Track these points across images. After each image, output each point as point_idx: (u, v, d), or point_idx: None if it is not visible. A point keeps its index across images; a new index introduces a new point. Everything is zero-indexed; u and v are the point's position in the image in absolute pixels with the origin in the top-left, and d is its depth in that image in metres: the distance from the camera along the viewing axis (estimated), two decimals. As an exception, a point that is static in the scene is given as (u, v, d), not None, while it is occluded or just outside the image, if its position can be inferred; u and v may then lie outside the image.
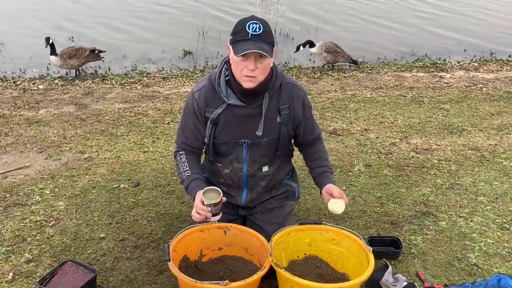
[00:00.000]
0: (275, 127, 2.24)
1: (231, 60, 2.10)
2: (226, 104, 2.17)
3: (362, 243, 2.17)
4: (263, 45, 2.00)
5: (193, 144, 2.31)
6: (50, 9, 8.72)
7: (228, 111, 2.19)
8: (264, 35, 2.02)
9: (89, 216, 2.88)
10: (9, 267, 2.43)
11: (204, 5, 9.41)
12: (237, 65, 2.05)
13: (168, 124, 4.29)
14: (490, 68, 6.57)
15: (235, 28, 2.06)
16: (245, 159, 2.28)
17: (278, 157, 2.37)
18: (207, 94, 2.20)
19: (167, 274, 2.40)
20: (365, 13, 9.47)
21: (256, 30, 2.00)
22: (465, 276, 2.48)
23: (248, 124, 2.20)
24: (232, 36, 2.06)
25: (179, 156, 2.30)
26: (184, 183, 2.24)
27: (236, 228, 2.27)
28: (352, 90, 5.39)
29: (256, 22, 2.02)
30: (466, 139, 4.13)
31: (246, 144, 2.24)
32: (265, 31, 2.03)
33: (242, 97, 2.17)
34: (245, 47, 1.98)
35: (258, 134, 2.20)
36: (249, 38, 1.99)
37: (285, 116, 2.24)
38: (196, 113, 2.23)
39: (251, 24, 2.01)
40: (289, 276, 1.93)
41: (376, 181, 3.40)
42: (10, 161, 3.53)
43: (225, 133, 2.23)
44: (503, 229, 2.89)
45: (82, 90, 5.20)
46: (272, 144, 2.28)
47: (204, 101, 2.20)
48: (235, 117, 2.20)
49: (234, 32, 2.06)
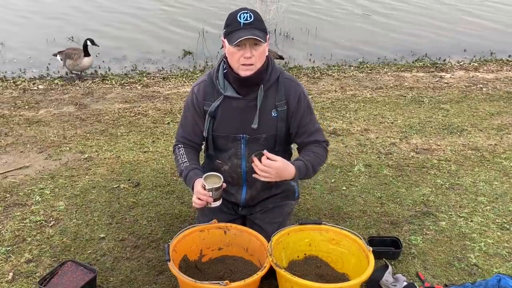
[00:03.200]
0: (271, 123, 2.24)
1: (226, 52, 2.14)
2: (223, 96, 2.21)
3: (362, 243, 2.18)
4: (256, 31, 2.05)
5: (192, 138, 2.33)
6: (50, 9, 8.72)
7: (226, 104, 2.22)
8: (256, 23, 2.07)
9: (89, 216, 2.88)
10: (9, 267, 2.43)
11: (204, 5, 9.41)
12: (233, 55, 2.09)
13: (168, 124, 4.29)
14: (490, 68, 6.57)
15: (227, 20, 2.11)
16: (243, 155, 2.28)
17: (277, 154, 2.36)
18: (206, 88, 2.25)
19: (167, 274, 2.40)
20: (365, 13, 9.47)
21: (247, 19, 2.05)
22: (465, 276, 2.48)
23: (245, 117, 2.22)
24: (225, 29, 2.11)
25: (178, 149, 2.33)
26: (183, 173, 2.25)
27: (236, 228, 2.27)
28: (352, 90, 5.39)
29: (246, 12, 2.07)
30: (466, 139, 4.13)
31: (245, 139, 2.25)
32: (256, 19, 2.08)
33: (239, 88, 2.20)
34: (238, 35, 2.03)
35: (254, 127, 2.21)
36: (241, 27, 2.05)
37: (282, 112, 2.24)
38: (195, 107, 2.26)
39: (242, 14, 2.06)
40: (289, 276, 1.93)
41: (376, 181, 3.40)
42: (10, 161, 3.53)
43: (223, 127, 2.25)
44: (503, 229, 2.89)
45: (82, 90, 5.20)
46: (270, 140, 2.28)
47: (203, 94, 2.25)
48: (232, 110, 2.22)
49: (227, 25, 2.11)
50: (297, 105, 2.25)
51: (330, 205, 3.08)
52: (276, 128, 2.25)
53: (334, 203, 3.10)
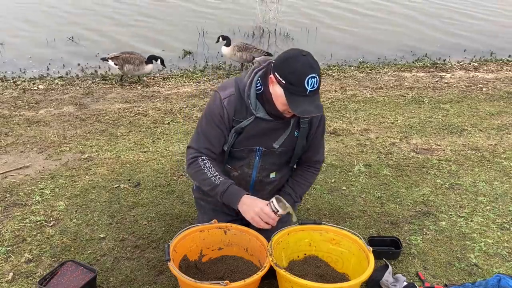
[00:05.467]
0: (292, 140, 2.24)
1: (275, 93, 2.00)
2: (254, 117, 2.13)
3: (362, 243, 2.18)
4: (318, 101, 1.95)
5: (215, 150, 2.21)
6: (50, 9, 8.72)
7: (254, 123, 2.15)
8: (319, 86, 1.95)
9: (89, 216, 2.88)
10: (9, 267, 2.43)
11: (205, 5, 9.41)
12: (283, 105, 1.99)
13: (168, 124, 4.29)
14: (490, 68, 6.57)
15: (291, 76, 1.91)
16: (256, 166, 2.27)
17: (287, 165, 2.38)
18: (236, 103, 2.13)
19: (167, 274, 2.40)
20: (365, 13, 9.48)
21: (314, 86, 1.91)
22: (465, 276, 2.48)
23: (269, 135, 2.20)
24: (285, 81, 1.92)
25: (202, 162, 2.16)
26: (218, 188, 2.13)
27: (236, 228, 2.27)
28: (352, 90, 5.39)
29: (314, 76, 1.91)
30: (466, 139, 4.13)
31: (260, 152, 2.23)
32: (320, 82, 1.95)
33: (273, 115, 2.13)
34: (304, 108, 1.92)
35: (275, 146, 2.21)
36: (306, 94, 1.92)
37: (304, 130, 2.23)
38: (224, 119, 2.15)
39: (309, 79, 1.90)
40: (289, 276, 1.93)
41: (376, 181, 3.40)
42: (10, 161, 3.53)
43: (245, 142, 2.21)
44: (503, 229, 2.89)
45: (82, 90, 5.20)
46: (285, 154, 2.28)
47: (233, 110, 2.13)
48: (259, 129, 2.17)
49: (289, 81, 1.92)
50: (317, 127, 2.28)
51: (330, 205, 3.08)
52: (295, 144, 2.26)
53: (334, 203, 3.10)
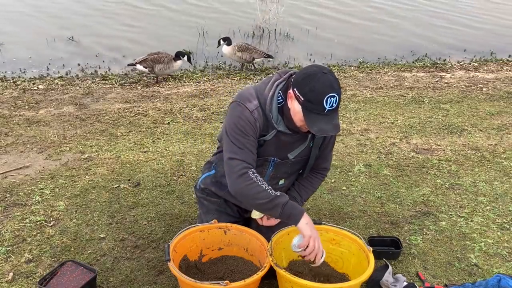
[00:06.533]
0: (306, 151, 2.25)
1: (294, 109, 2.00)
2: (276, 130, 2.12)
3: (362, 243, 2.18)
4: (337, 119, 1.94)
5: (255, 160, 2.14)
6: (50, 9, 8.72)
7: (275, 136, 2.15)
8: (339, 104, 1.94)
9: (89, 216, 2.88)
10: (9, 267, 2.43)
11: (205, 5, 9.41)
12: (301, 121, 1.99)
13: (168, 124, 4.29)
14: (490, 68, 6.57)
15: (310, 94, 1.90)
16: (268, 175, 2.27)
17: (297, 173, 2.39)
18: (261, 116, 2.11)
19: (167, 274, 2.40)
20: (365, 13, 9.47)
21: (332, 105, 1.90)
22: (465, 276, 2.48)
23: (286, 147, 2.20)
24: (304, 98, 1.91)
25: (253, 174, 2.07)
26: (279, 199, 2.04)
27: (236, 228, 2.27)
28: (352, 90, 5.39)
29: (334, 95, 1.89)
30: (466, 139, 4.13)
31: (274, 162, 2.22)
32: (340, 99, 1.94)
33: (292, 130, 2.13)
34: (321, 128, 1.91)
35: (290, 157, 2.21)
36: (325, 113, 1.90)
37: (318, 140, 2.24)
38: (257, 130, 2.10)
39: (329, 98, 1.88)
40: (289, 276, 1.93)
41: (376, 181, 3.40)
42: (10, 161, 3.53)
43: (261, 153, 2.19)
44: (503, 229, 2.89)
45: (82, 90, 5.20)
46: (297, 163, 2.29)
47: (260, 123, 2.11)
48: (278, 142, 2.16)
49: (308, 99, 1.91)
50: (331, 138, 2.31)
51: (330, 205, 3.08)
52: (309, 154, 2.27)
53: (334, 203, 3.10)
